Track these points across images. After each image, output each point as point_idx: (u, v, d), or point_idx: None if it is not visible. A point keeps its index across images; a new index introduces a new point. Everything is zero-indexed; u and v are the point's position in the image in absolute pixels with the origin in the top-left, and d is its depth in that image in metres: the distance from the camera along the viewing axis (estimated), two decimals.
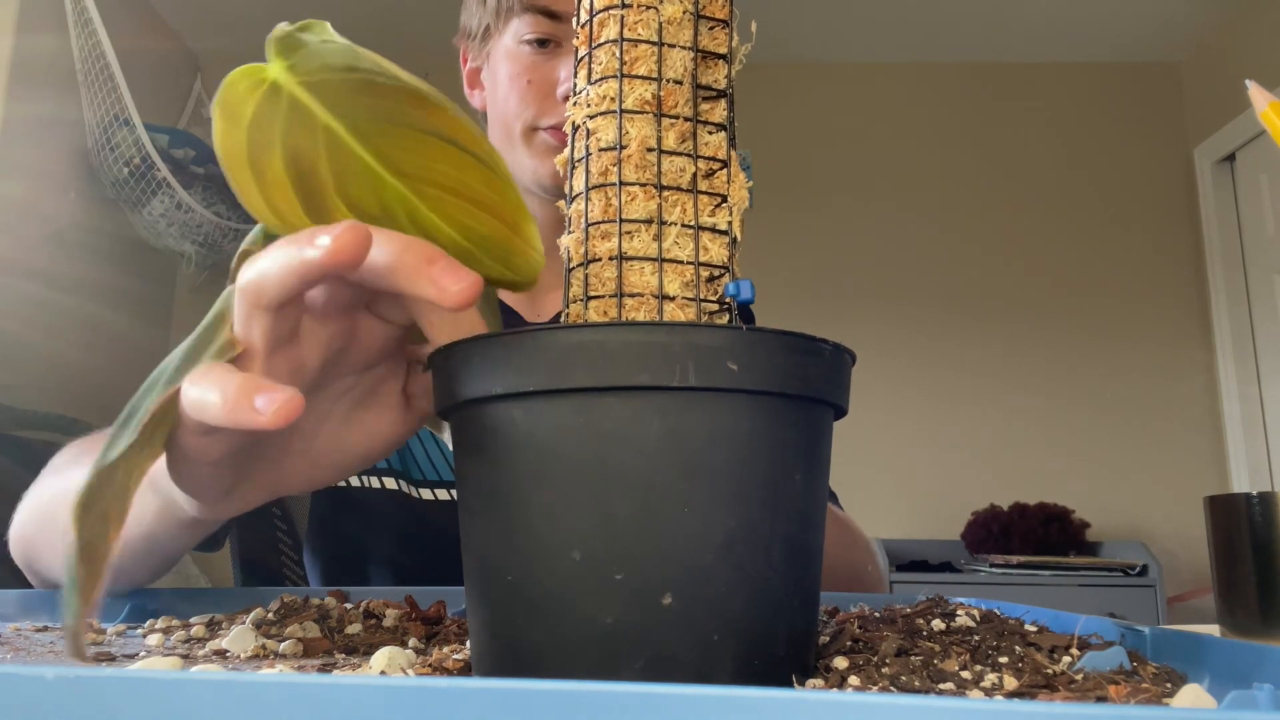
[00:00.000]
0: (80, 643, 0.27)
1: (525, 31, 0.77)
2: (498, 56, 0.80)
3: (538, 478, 0.28)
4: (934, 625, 0.39)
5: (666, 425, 0.27)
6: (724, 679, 0.27)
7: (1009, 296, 2.92)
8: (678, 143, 0.34)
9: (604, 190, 0.34)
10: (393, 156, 0.33)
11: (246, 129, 0.32)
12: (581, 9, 0.36)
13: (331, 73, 0.32)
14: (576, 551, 0.27)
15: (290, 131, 0.32)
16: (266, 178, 0.33)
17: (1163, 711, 0.19)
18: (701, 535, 0.27)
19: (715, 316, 0.33)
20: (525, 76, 0.77)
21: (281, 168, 0.33)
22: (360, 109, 0.32)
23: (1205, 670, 0.34)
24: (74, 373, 2.40)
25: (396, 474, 0.78)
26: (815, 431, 0.31)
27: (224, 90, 0.32)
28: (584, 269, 0.33)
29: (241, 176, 0.33)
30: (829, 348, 0.30)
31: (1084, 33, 2.90)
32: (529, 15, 0.76)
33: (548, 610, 0.28)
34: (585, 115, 0.34)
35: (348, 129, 0.32)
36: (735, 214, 0.34)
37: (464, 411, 0.31)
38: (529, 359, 0.28)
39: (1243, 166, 2.81)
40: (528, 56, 0.77)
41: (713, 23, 0.35)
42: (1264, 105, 0.47)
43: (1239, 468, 2.72)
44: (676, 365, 0.27)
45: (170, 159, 2.52)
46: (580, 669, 0.27)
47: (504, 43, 0.79)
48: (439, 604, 0.44)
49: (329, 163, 0.33)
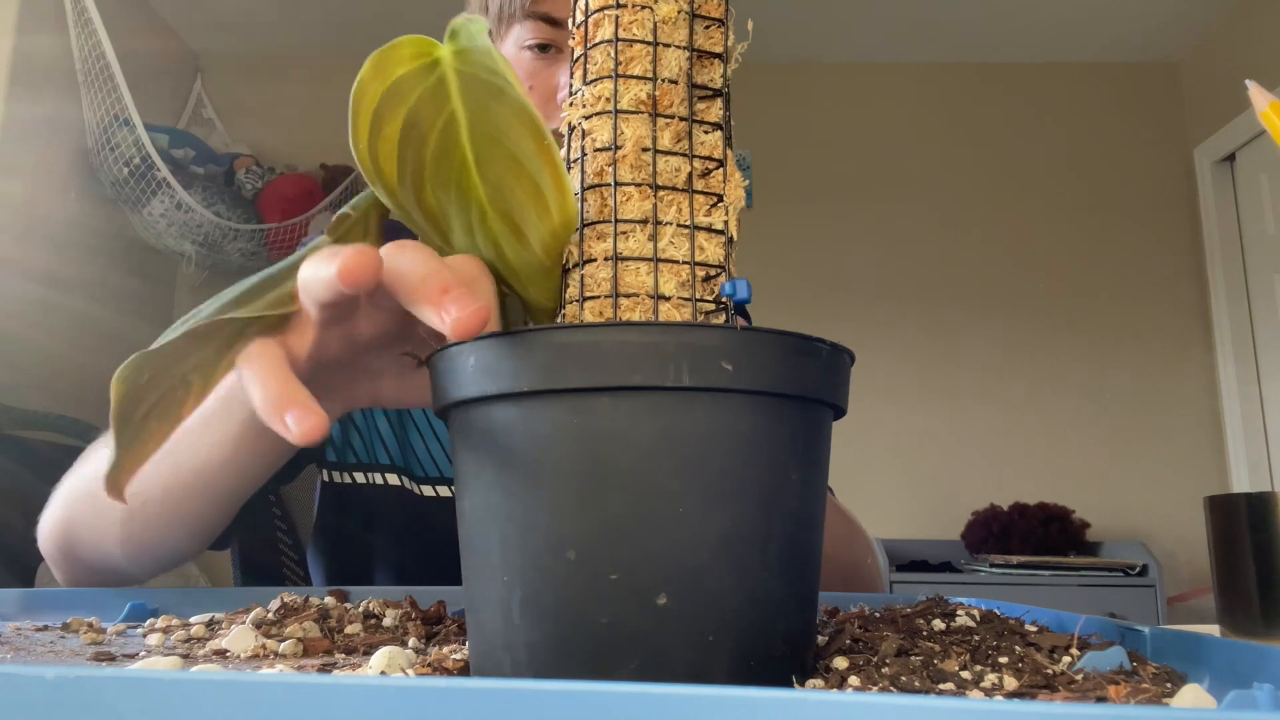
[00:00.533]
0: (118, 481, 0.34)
1: (526, 37, 0.77)
2: None
3: (533, 477, 0.28)
4: (934, 625, 0.39)
5: (661, 425, 0.27)
6: (720, 679, 0.27)
7: (1009, 296, 2.92)
8: (673, 142, 0.34)
9: (599, 190, 0.34)
10: (487, 163, 0.35)
11: (389, 86, 0.35)
12: (577, 9, 0.36)
13: (480, 70, 0.34)
14: (571, 551, 0.27)
15: (422, 104, 0.35)
16: (382, 132, 0.35)
17: (1163, 711, 0.19)
18: (697, 535, 0.27)
19: (711, 316, 0.33)
20: (527, 82, 0.77)
21: (397, 130, 0.35)
22: (484, 109, 0.35)
23: (1205, 670, 0.34)
24: (74, 373, 2.40)
25: (399, 470, 0.78)
26: (813, 432, 0.31)
27: (388, 48, 0.34)
28: (580, 269, 0.33)
29: (361, 122, 0.35)
30: (826, 348, 0.30)
31: (1084, 33, 2.90)
32: (530, 21, 0.77)
33: (543, 610, 0.28)
34: (580, 115, 0.34)
35: (467, 121, 0.35)
36: (731, 213, 0.34)
37: (461, 411, 0.31)
38: (524, 359, 0.28)
39: (1243, 166, 2.81)
40: (529, 62, 0.78)
41: (708, 22, 0.35)
42: (1264, 105, 0.47)
43: (1239, 468, 2.72)
44: (671, 365, 0.27)
45: (170, 159, 2.52)
46: (575, 668, 0.27)
47: (506, 49, 0.80)
48: (439, 604, 0.44)
49: (438, 143, 0.35)
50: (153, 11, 2.83)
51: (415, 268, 0.32)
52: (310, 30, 2.97)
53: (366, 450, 0.78)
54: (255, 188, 2.79)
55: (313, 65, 3.10)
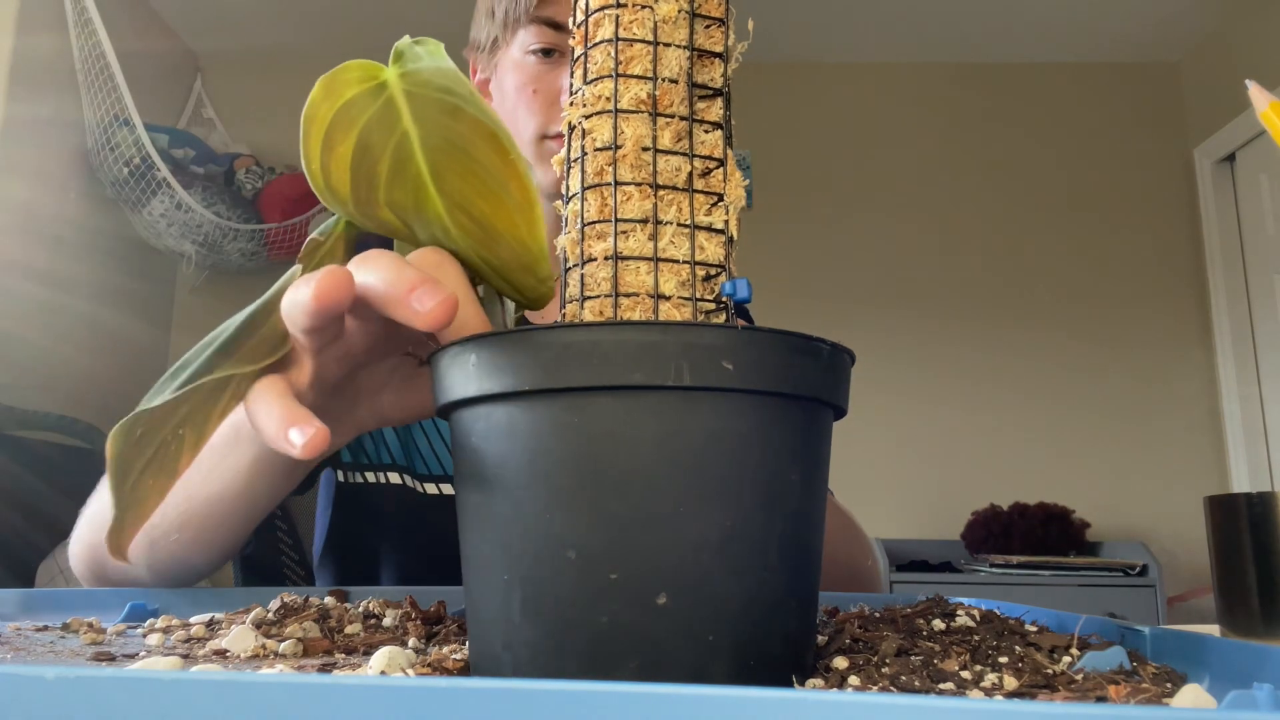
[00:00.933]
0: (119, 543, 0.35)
1: (531, 42, 0.79)
2: (505, 68, 0.82)
3: (533, 477, 0.28)
4: (934, 625, 0.39)
5: (662, 425, 0.27)
6: (719, 679, 0.27)
7: (1009, 296, 2.92)
8: (673, 142, 0.34)
9: (599, 190, 0.34)
10: (445, 175, 0.36)
11: (338, 108, 0.36)
12: (577, 9, 0.36)
13: (430, 89, 0.35)
14: (572, 551, 0.27)
15: (372, 125, 0.36)
16: (335, 152, 0.37)
17: (1163, 711, 0.19)
18: (697, 535, 0.27)
19: (712, 316, 0.33)
20: (531, 86, 0.79)
21: (349, 150, 0.37)
22: (438, 127, 0.35)
23: (1205, 670, 0.34)
24: (74, 373, 2.40)
25: (401, 469, 0.78)
26: (813, 432, 0.31)
27: (336, 71, 0.36)
28: (580, 269, 0.33)
29: (313, 143, 0.36)
30: (827, 348, 0.30)
31: (1084, 33, 2.90)
32: (534, 26, 0.79)
33: (543, 609, 0.28)
34: (581, 115, 0.34)
35: (420, 139, 0.36)
36: (732, 213, 0.34)
37: (461, 411, 0.31)
38: (524, 359, 0.28)
39: (1243, 166, 2.81)
40: (533, 66, 0.79)
41: (709, 21, 0.35)
42: (1264, 105, 0.47)
43: (1239, 468, 2.72)
44: (671, 365, 0.27)
45: (170, 159, 2.52)
46: (575, 668, 0.27)
47: (511, 54, 0.81)
48: (439, 604, 0.44)
49: (390, 162, 0.37)
50: (153, 11, 2.83)
51: (381, 274, 0.34)
52: (310, 30, 2.97)
53: (374, 449, 0.79)
54: (255, 188, 2.79)
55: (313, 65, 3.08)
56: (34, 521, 2.07)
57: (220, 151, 2.87)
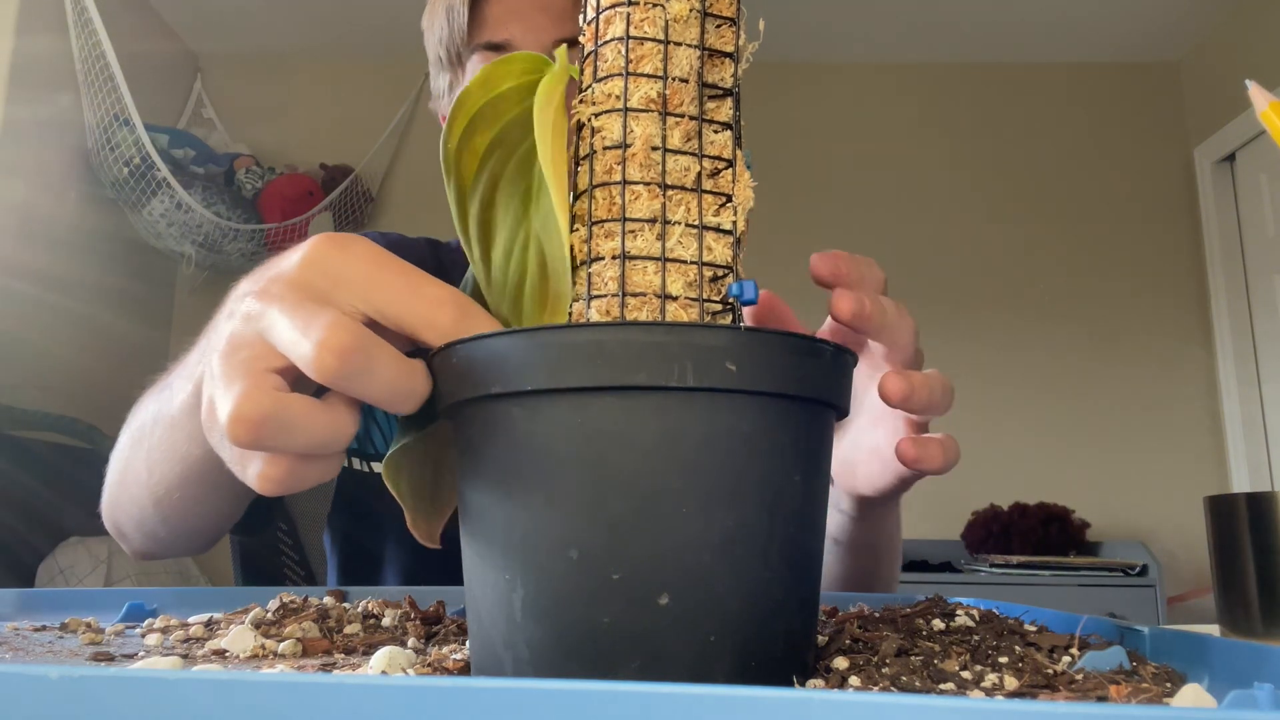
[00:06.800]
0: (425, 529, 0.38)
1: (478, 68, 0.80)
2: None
3: (535, 477, 0.28)
4: (934, 625, 0.39)
5: (665, 425, 0.27)
6: (721, 679, 0.27)
7: (1009, 296, 2.92)
8: (683, 141, 0.34)
9: (608, 188, 0.33)
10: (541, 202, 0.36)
11: (489, 99, 0.35)
12: (588, 6, 0.35)
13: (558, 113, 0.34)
14: (574, 551, 0.27)
15: (514, 124, 0.36)
16: (473, 140, 0.36)
17: (1163, 711, 0.19)
18: (699, 535, 0.27)
19: (718, 317, 0.33)
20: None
21: (485, 143, 0.36)
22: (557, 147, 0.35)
23: (1205, 670, 0.34)
24: (74, 373, 2.40)
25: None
26: (816, 433, 0.31)
27: (501, 61, 0.35)
28: (587, 268, 0.33)
29: (456, 127, 0.36)
30: (829, 348, 0.30)
31: (1084, 33, 2.90)
32: (478, 54, 0.81)
33: (544, 609, 0.28)
34: (590, 113, 0.34)
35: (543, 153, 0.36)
36: (740, 214, 0.34)
37: (463, 410, 0.31)
38: (528, 358, 0.28)
39: (1243, 166, 2.81)
40: None
41: (720, 20, 0.35)
42: (1264, 105, 0.47)
43: (1239, 468, 2.71)
44: (675, 365, 0.27)
45: (170, 159, 2.52)
46: (576, 668, 0.27)
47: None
48: (438, 604, 0.44)
49: (517, 167, 0.36)
50: (153, 11, 2.83)
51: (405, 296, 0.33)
52: (310, 30, 2.97)
53: (385, 443, 0.80)
54: (255, 188, 2.79)
55: (313, 65, 3.10)
56: (34, 521, 2.07)
57: (220, 151, 2.87)
